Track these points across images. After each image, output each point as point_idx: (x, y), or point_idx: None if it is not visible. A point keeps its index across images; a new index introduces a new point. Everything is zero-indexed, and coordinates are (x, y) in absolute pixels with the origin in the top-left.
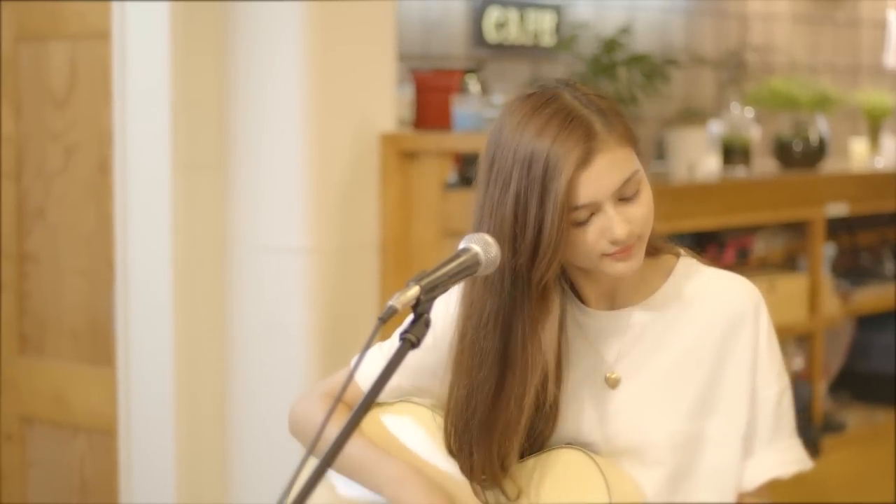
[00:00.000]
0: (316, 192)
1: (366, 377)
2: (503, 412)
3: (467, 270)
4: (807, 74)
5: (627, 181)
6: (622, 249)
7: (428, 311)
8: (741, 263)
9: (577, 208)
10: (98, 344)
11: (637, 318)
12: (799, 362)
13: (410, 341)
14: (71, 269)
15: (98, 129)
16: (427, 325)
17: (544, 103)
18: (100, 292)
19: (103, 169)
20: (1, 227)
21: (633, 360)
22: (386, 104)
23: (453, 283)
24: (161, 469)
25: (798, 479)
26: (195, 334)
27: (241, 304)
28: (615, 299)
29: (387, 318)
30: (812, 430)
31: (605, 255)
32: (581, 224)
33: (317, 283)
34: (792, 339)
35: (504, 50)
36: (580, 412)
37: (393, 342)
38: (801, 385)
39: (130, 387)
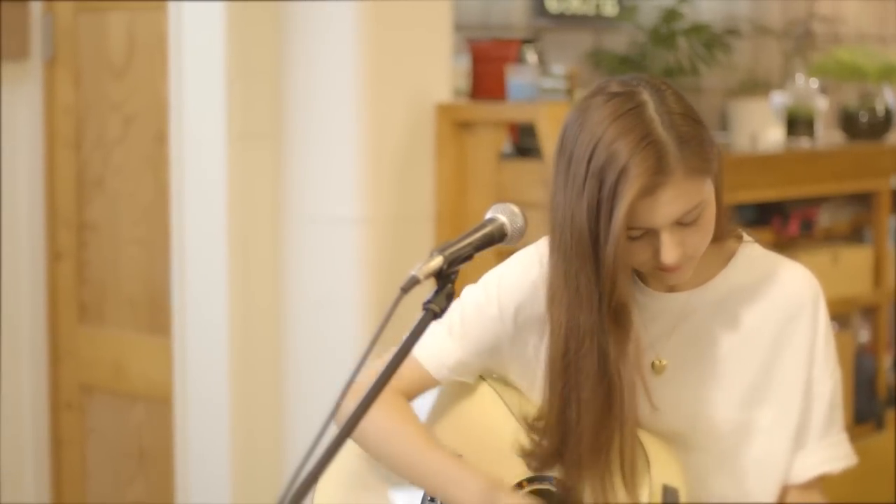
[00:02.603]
0: (371, 162)
1: (429, 356)
2: (613, 431)
3: (492, 242)
4: (875, 45)
5: (688, 212)
6: (672, 268)
7: (452, 281)
8: (805, 235)
9: (633, 228)
10: (155, 313)
11: (693, 302)
12: (864, 335)
13: (433, 311)
14: (129, 239)
15: (155, 98)
16: (450, 295)
17: (626, 112)
18: (157, 262)
19: (160, 139)
20: (60, 196)
21: (683, 346)
22: (442, 74)
23: (477, 253)
24: (216, 438)
25: (861, 453)
26: (250, 304)
27: (296, 274)
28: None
29: (409, 289)
30: (876, 403)
31: (654, 267)
32: (635, 238)
33: (371, 254)
34: (857, 311)
35: (565, 20)
36: None
37: (452, 314)
38: (865, 358)
39: (186, 356)
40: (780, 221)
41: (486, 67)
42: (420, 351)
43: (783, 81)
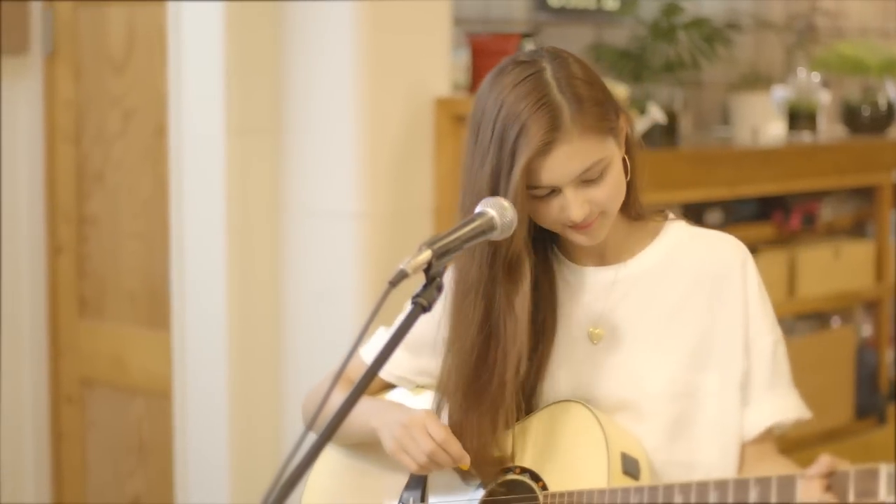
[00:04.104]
0: (370, 156)
1: (369, 352)
2: (488, 383)
3: (481, 235)
4: (878, 39)
5: (588, 169)
6: (582, 225)
7: (440, 275)
8: (807, 229)
9: (537, 187)
10: (155, 307)
11: (624, 274)
12: (866, 329)
13: (422, 305)
14: (129, 233)
15: (155, 93)
16: (439, 289)
17: (525, 78)
18: (157, 256)
19: (160, 133)
20: (60, 191)
21: (620, 316)
22: (441, 68)
23: (466, 247)
24: (215, 432)
25: (864, 446)
26: (249, 298)
27: (295, 268)
28: (603, 257)
29: (397, 282)
30: (878, 397)
31: (566, 226)
32: (543, 198)
33: (370, 248)
34: (859, 305)
35: (566, 14)
36: (571, 370)
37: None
38: (867, 352)
39: (185, 350)
40: (781, 215)
41: (486, 61)
42: (366, 352)
43: (785, 75)
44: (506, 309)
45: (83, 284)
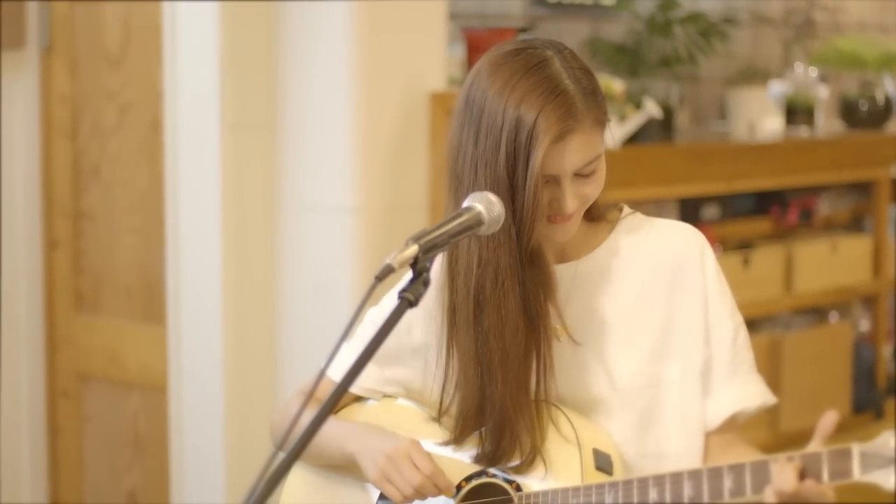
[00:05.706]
0: (365, 151)
1: (340, 372)
2: (531, 363)
3: (469, 230)
4: (876, 34)
5: (589, 163)
6: (564, 218)
7: (427, 269)
8: (804, 224)
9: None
10: (151, 302)
11: (582, 268)
12: (864, 324)
13: (408, 300)
14: (125, 228)
15: (151, 88)
16: (426, 284)
17: (535, 66)
18: (152, 250)
19: (156, 128)
20: (57, 185)
21: (582, 310)
22: (436, 63)
23: (454, 241)
24: (211, 426)
25: (861, 441)
26: (244, 293)
27: (290, 263)
28: (563, 254)
29: (383, 277)
30: (876, 392)
31: (547, 218)
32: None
33: (365, 243)
34: (857, 300)
35: (563, 9)
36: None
37: (362, 337)
38: (865, 347)
39: (181, 345)
40: (779, 210)
41: (481, 56)
42: (332, 370)
43: (782, 70)
44: (535, 292)
45: (79, 279)
